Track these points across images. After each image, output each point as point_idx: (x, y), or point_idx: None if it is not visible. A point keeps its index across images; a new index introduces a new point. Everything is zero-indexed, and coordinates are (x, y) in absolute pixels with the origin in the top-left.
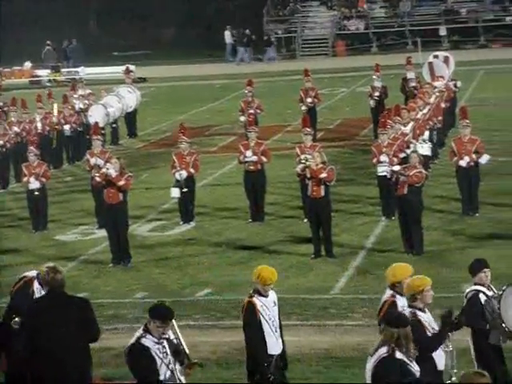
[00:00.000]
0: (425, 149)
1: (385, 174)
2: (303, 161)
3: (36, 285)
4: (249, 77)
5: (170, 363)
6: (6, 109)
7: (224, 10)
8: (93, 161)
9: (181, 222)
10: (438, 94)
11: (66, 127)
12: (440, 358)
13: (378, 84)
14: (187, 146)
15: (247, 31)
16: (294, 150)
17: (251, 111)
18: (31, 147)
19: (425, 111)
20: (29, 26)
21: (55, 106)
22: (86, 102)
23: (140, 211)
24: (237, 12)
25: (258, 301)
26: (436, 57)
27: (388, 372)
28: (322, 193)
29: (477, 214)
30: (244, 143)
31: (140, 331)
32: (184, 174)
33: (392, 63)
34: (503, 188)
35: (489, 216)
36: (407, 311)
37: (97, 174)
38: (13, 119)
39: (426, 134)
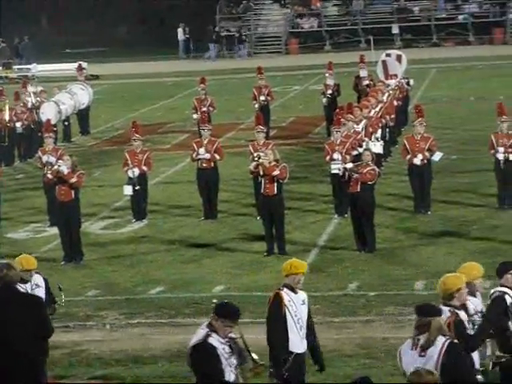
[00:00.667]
0: (377, 147)
1: (337, 171)
2: (256, 158)
3: None
4: (201, 74)
5: (233, 364)
6: None
7: (177, 6)
8: (45, 158)
9: (133, 220)
10: (390, 92)
11: (18, 124)
12: (476, 356)
13: (330, 82)
14: (140, 144)
15: (216, 28)
16: (247, 147)
17: (204, 109)
18: None
19: (377, 109)
20: None
21: (7, 103)
22: (38, 99)
23: (92, 209)
24: (189, 9)
25: (285, 295)
26: (388, 55)
27: (460, 357)
28: (275, 190)
29: (429, 212)
30: (197, 141)
31: (205, 329)
32: (136, 171)
33: (345, 61)
34: (455, 186)
35: (440, 214)
36: (446, 310)
37: (49, 172)
38: None
39: (379, 132)
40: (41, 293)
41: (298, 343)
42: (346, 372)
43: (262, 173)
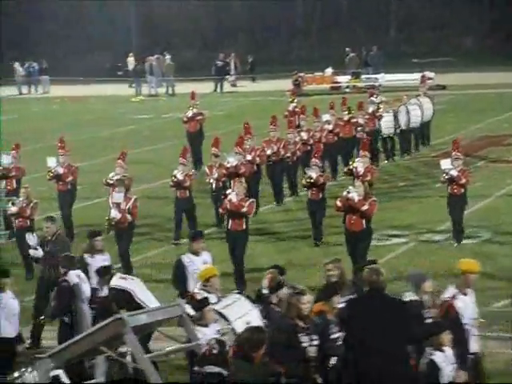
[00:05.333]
0: None
1: None
2: None
3: None
4: None
5: None
6: (297, 110)
7: None
8: None
9: None
10: None
11: (358, 135)
12: None
13: None
14: (460, 163)
15: None
16: None
17: None
18: (314, 159)
19: None
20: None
21: (348, 112)
22: (381, 109)
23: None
24: None
25: None
26: None
27: None
28: None
29: None
30: None
31: None
32: None
33: None
34: None
35: None
36: None
37: (338, 200)
38: (303, 128)
39: None
40: None
41: None
42: None
43: None
